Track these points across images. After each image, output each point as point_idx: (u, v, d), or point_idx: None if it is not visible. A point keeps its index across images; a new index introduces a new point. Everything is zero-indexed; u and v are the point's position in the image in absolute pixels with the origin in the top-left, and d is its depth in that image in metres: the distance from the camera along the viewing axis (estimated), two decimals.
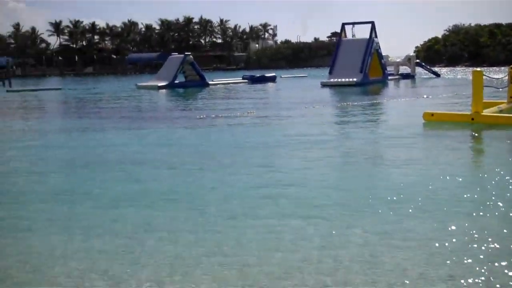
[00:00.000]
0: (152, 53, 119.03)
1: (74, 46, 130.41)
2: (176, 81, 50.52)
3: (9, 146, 16.52)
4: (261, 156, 13.06)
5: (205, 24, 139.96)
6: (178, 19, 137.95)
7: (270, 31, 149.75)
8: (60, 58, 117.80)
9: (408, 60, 59.67)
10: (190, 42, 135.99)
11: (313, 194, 8.96)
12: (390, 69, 56.34)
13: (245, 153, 13.48)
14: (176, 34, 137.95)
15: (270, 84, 54.16)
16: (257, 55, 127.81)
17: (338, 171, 11.22)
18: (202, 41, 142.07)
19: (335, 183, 9.99)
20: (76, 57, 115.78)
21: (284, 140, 15.26)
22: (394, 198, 8.46)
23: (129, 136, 17.89)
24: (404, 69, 60.46)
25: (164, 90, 47.29)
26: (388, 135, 16.04)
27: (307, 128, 18.15)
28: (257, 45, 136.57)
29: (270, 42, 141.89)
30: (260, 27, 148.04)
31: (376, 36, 50.14)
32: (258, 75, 60.65)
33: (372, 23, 50.19)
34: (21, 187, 10.45)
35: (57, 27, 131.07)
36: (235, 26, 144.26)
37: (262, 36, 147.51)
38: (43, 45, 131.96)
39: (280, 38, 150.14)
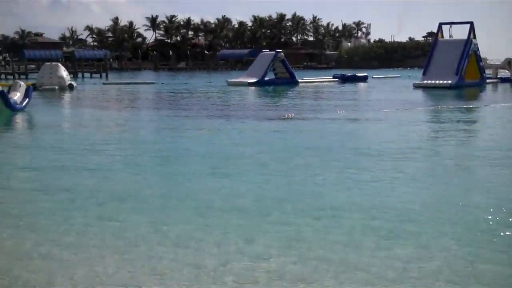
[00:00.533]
0: (244, 49, 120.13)
1: (169, 41, 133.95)
2: (266, 78, 50.54)
3: (87, 139, 16.87)
4: (348, 164, 12.52)
5: (297, 21, 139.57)
6: (271, 16, 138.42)
7: (364, 30, 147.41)
8: (155, 52, 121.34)
9: (508, 63, 56.56)
10: (282, 39, 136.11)
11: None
12: (488, 72, 53.64)
13: (327, 155, 13.03)
14: (268, 31, 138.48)
15: (361, 84, 53.09)
16: (349, 54, 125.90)
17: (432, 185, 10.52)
18: (294, 39, 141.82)
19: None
20: (170, 52, 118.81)
21: (377, 148, 14.56)
22: None
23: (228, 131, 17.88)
24: (504, 73, 57.37)
25: (254, 87, 47.41)
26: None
27: (398, 134, 17.35)
28: (349, 44, 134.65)
29: (363, 41, 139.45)
30: (353, 25, 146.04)
31: (474, 37, 47.85)
32: (349, 75, 59.64)
33: (471, 23, 47.93)
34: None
35: (153, 22, 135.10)
36: (328, 24, 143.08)
37: (355, 34, 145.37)
38: (140, 39, 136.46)
39: (373, 37, 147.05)
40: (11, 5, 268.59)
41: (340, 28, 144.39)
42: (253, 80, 49.41)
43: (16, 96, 24.47)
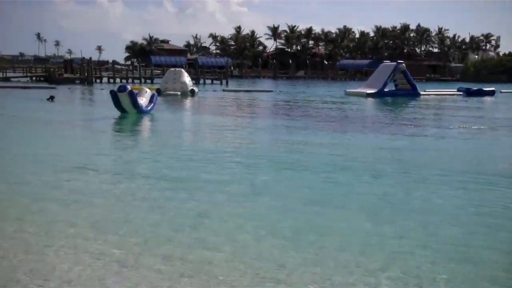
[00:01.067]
0: (364, 60, 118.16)
1: (289, 50, 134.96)
2: (385, 89, 49.09)
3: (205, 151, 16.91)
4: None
5: (422, 32, 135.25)
6: (394, 27, 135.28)
7: (493, 42, 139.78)
8: (274, 61, 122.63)
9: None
10: (405, 50, 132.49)
11: None
12: None
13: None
14: (391, 42, 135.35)
15: (487, 99, 50.05)
16: (476, 67, 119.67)
17: None
18: (417, 50, 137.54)
19: None
20: (290, 61, 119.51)
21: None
22: None
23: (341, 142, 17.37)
24: None
25: (372, 98, 46.21)
26: None
27: None
28: (476, 56, 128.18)
29: (492, 53, 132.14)
30: (481, 37, 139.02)
31: None
32: (475, 88, 56.47)
33: None
34: None
35: (274, 31, 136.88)
36: (454, 36, 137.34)
37: (483, 47, 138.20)
38: (260, 47, 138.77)
39: (503, 50, 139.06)
40: (141, 14, 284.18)
41: (467, 40, 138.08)
42: (372, 91, 48.14)
43: (142, 101, 25.47)
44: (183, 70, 50.64)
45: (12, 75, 72.48)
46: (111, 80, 69.66)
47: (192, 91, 46.08)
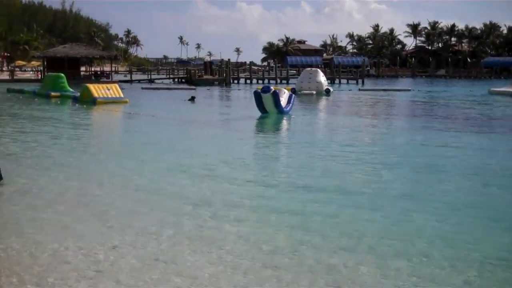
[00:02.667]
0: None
1: (429, 47, 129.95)
2: None
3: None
4: None
5: None
6: None
7: None
8: (413, 59, 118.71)
9: None
10: None
11: None
12: None
13: None
14: None
15: None
16: None
17: None
18: None
19: None
20: (430, 59, 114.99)
21: None
22: None
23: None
24: None
25: None
26: None
27: None
28: None
29: None
30: None
31: None
32: None
33: None
34: None
35: (414, 29, 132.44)
36: None
37: None
38: (399, 46, 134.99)
39: None
40: (279, 15, 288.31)
41: None
42: None
43: (281, 101, 25.72)
44: (318, 69, 50.60)
45: (156, 77, 76.77)
46: (248, 81, 71.34)
47: (327, 91, 45.90)
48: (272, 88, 25.35)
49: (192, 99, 36.42)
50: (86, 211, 9.06)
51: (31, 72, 71.45)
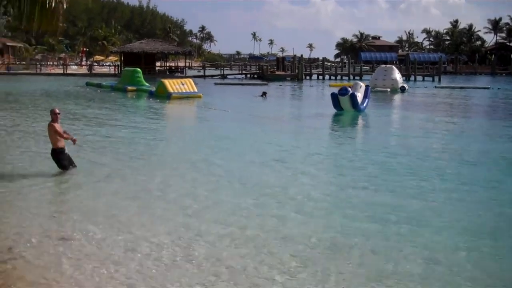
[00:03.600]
0: None
1: (511, 44, 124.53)
2: None
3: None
4: None
5: None
6: None
7: None
8: (493, 56, 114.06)
9: None
10: None
11: None
12: None
13: None
14: None
15: None
16: None
17: None
18: None
19: None
20: (511, 56, 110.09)
21: None
22: None
23: None
24: None
25: None
26: None
27: None
28: None
29: None
30: None
31: None
32: None
33: None
34: None
35: (495, 24, 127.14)
36: None
37: None
38: (478, 42, 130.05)
39: None
40: (353, 11, 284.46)
41: None
42: None
43: (358, 97, 25.21)
44: (393, 66, 49.45)
45: (228, 73, 77.41)
46: (320, 77, 70.75)
47: (402, 88, 44.79)
48: (350, 90, 24.81)
49: (264, 94, 36.39)
50: (162, 200, 9.21)
51: (108, 67, 73.65)
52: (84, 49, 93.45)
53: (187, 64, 77.67)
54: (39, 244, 7.24)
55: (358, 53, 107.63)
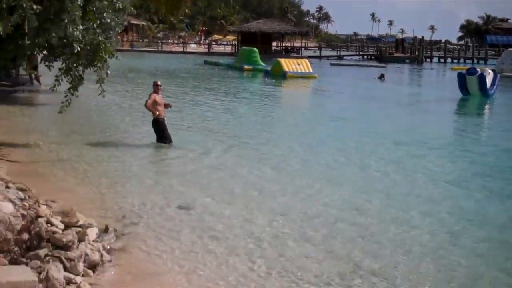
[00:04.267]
0: None
1: None
2: None
3: None
4: None
5: None
6: None
7: None
8: None
9: None
10: None
11: None
12: None
13: None
14: None
15: None
16: None
17: None
18: None
19: None
20: None
21: None
22: None
23: None
24: None
25: None
26: None
27: None
28: None
29: None
30: None
31: None
32: None
33: None
34: None
35: None
36: None
37: None
38: None
39: None
40: None
41: None
42: None
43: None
44: None
45: (345, 54, 76.08)
46: (442, 60, 67.68)
47: None
48: (479, 70, 23.36)
49: (382, 76, 35.30)
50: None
51: (225, 46, 74.89)
52: (204, 28, 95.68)
53: (303, 45, 77.30)
54: (160, 211, 7.46)
55: (484, 36, 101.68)
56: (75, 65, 8.88)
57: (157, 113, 11.36)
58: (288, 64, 33.47)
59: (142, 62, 43.29)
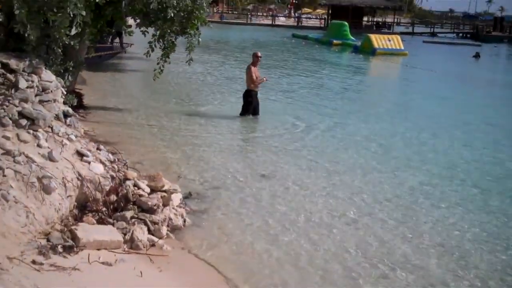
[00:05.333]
0: None
1: None
2: None
3: None
4: None
5: None
6: None
7: None
8: None
9: None
10: None
11: None
12: None
13: None
14: None
15: None
16: None
17: None
18: None
19: None
20: None
21: None
22: None
23: None
24: None
25: None
26: None
27: None
28: None
29: None
30: None
31: None
32: None
33: None
34: None
35: None
36: None
37: None
38: None
39: None
40: None
41: None
42: None
43: None
44: None
45: (439, 31, 73.17)
46: None
47: None
48: None
49: (477, 55, 33.73)
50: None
51: (315, 20, 73.93)
52: (293, 1, 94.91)
53: (395, 20, 74.97)
54: (242, 179, 7.56)
55: None
56: (168, 31, 8.95)
57: (252, 85, 11.40)
58: (378, 40, 32.61)
59: (230, 34, 43.56)
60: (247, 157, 8.79)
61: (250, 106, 11.51)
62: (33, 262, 4.23)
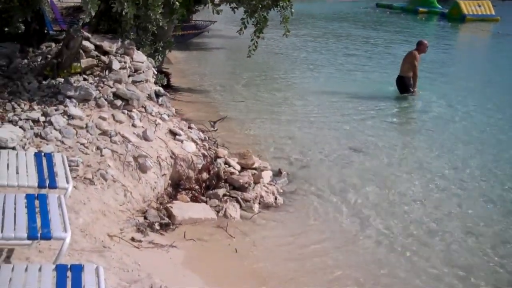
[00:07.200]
0: None
1: None
2: None
3: None
4: None
5: None
6: None
7: None
8: None
9: None
10: None
11: None
12: None
13: None
14: None
15: None
16: None
17: None
18: None
19: None
20: None
21: None
22: None
23: None
24: None
25: None
26: None
27: None
28: None
29: None
30: None
31: None
32: None
33: None
34: None
35: None
36: None
37: None
38: None
39: None
40: None
41: None
42: None
43: None
44: None
45: None
46: None
47: None
48: None
49: None
50: None
51: None
52: None
53: None
54: (334, 155, 7.50)
55: None
56: (259, 6, 8.72)
57: (407, 72, 11.00)
58: (467, 6, 31.17)
59: (311, 7, 42.83)
60: (342, 133, 8.61)
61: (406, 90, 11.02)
62: (132, 239, 4.36)
